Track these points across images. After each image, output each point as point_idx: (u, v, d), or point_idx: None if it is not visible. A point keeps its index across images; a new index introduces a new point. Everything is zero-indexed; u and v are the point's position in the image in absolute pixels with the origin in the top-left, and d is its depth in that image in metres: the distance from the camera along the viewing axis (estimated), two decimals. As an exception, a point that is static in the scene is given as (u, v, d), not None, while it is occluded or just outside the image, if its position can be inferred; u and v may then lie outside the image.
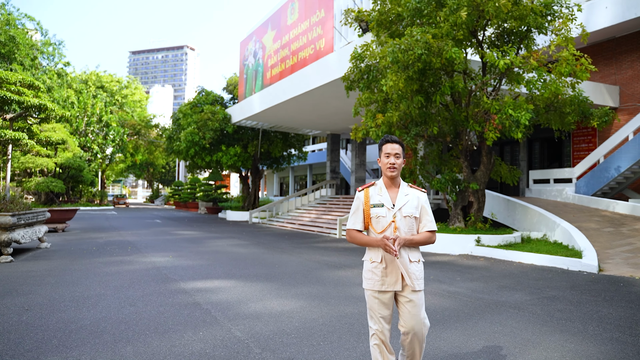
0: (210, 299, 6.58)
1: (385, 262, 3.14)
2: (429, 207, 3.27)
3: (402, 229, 3.14)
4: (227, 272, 8.96)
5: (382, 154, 3.26)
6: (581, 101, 11.55)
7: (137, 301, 6.36)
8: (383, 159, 3.25)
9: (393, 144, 3.23)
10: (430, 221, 3.25)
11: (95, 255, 11.09)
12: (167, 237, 16.06)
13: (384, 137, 3.30)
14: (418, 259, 3.22)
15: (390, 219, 3.15)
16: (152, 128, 57.26)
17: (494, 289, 7.48)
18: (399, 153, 3.22)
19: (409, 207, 3.18)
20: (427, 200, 3.30)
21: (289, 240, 15.81)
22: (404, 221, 3.16)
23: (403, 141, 13.03)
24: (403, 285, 3.14)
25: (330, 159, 28.27)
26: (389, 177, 3.22)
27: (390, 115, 11.87)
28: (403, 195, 3.22)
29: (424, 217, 3.24)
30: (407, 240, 3.08)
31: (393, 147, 3.22)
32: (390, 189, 3.26)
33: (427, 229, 3.22)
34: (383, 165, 3.25)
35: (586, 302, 6.52)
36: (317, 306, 6.21)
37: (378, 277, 3.16)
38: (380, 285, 3.15)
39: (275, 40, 23.01)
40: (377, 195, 3.24)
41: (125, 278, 8.10)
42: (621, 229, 12.73)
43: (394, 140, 3.25)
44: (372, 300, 3.18)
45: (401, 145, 3.27)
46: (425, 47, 9.82)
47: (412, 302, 3.12)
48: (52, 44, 42.61)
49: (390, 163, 3.19)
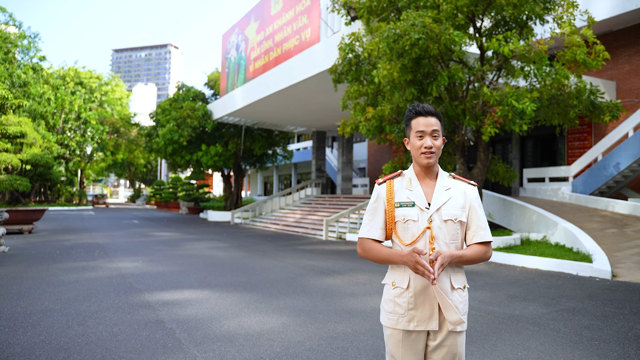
0: (177, 315, 5.59)
1: (415, 288, 2.17)
2: (481, 207, 2.29)
3: (441, 239, 2.16)
4: (200, 280, 7.97)
5: (413, 133, 2.25)
6: (592, 92, 10.71)
7: (89, 319, 5.35)
8: (414, 140, 2.24)
9: (428, 117, 2.22)
10: (484, 228, 2.25)
11: (56, 260, 10.00)
12: (142, 240, 14.97)
13: (413, 107, 2.27)
14: (463, 284, 2.23)
15: (425, 224, 2.17)
16: (133, 126, 55.71)
17: (503, 299, 6.60)
18: (437, 130, 2.22)
19: (451, 206, 2.20)
20: (478, 198, 2.30)
21: (272, 242, 14.83)
22: (444, 227, 2.17)
23: (394, 136, 12.14)
24: (441, 321, 2.16)
25: (316, 157, 27.33)
26: (425, 165, 2.23)
27: (382, 108, 10.96)
28: (443, 190, 2.23)
29: (475, 221, 2.25)
30: (452, 257, 2.09)
31: (428, 123, 2.21)
32: (424, 181, 2.27)
33: (479, 239, 2.23)
34: (414, 149, 2.24)
35: (612, 315, 5.66)
36: (302, 324, 5.25)
37: (403, 310, 2.17)
38: (408, 322, 2.17)
39: (258, 31, 21.96)
40: (406, 189, 2.25)
41: (82, 288, 7.07)
42: (625, 230, 11.99)
43: (428, 112, 2.23)
44: (393, 343, 2.20)
45: (439, 119, 2.26)
46: (423, 32, 8.89)
47: (451, 348, 2.17)
48: (27, 37, 40.95)
49: (427, 147, 2.19)
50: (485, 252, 2.21)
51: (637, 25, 16.57)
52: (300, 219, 20.89)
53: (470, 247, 2.21)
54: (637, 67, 16.65)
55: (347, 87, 12.95)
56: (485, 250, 2.21)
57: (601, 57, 10.02)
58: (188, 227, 21.13)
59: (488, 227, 2.26)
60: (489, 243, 2.25)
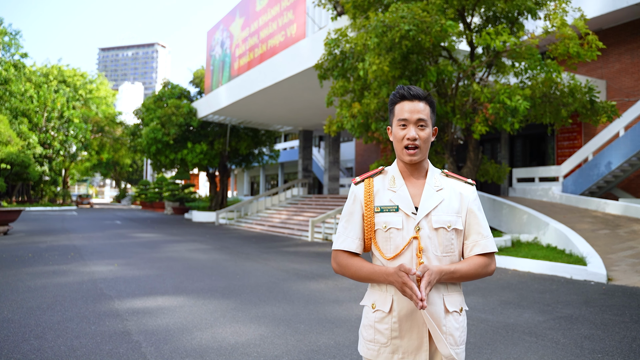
0: (146, 325, 5.15)
1: (400, 312, 1.74)
2: (481, 211, 1.86)
3: (431, 252, 1.74)
4: (177, 285, 7.52)
5: (395, 121, 1.82)
6: (590, 89, 10.36)
7: (49, 330, 4.89)
8: (396, 129, 1.81)
9: (414, 102, 1.78)
10: (485, 236, 1.82)
11: (26, 264, 9.48)
12: (121, 241, 14.45)
13: (397, 90, 1.84)
14: (460, 306, 1.82)
15: (411, 233, 1.74)
16: (118, 125, 54.84)
17: (496, 305, 6.24)
18: (423, 119, 1.78)
19: (444, 211, 1.77)
20: (477, 200, 1.87)
21: (256, 243, 14.39)
22: (435, 237, 1.75)
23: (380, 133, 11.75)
24: (432, 352, 1.74)
25: (302, 156, 26.89)
26: (407, 162, 1.81)
27: (368, 102, 10.56)
28: (433, 191, 1.80)
29: (474, 228, 1.82)
30: (442, 274, 1.68)
31: (415, 108, 1.77)
32: (410, 180, 1.84)
33: (479, 250, 1.80)
34: (396, 140, 1.81)
35: (613, 324, 5.31)
36: (282, 335, 4.84)
37: (386, 338, 1.75)
38: (391, 353, 1.74)
39: (243, 27, 21.45)
40: (388, 190, 1.82)
41: (48, 295, 6.59)
42: (617, 231, 11.72)
43: (415, 95, 1.79)
44: None
45: (429, 104, 1.82)
46: (414, 23, 8.50)
47: None
48: (9, 34, 40.08)
49: (409, 138, 1.77)
50: (486, 265, 1.79)
51: (628, 23, 16.37)
52: (286, 220, 20.46)
53: (468, 260, 1.78)
54: (627, 65, 16.45)
55: (332, 84, 12.57)
56: (486, 263, 1.79)
57: (594, 47, 9.68)
58: (171, 228, 20.60)
59: (491, 235, 1.83)
60: (492, 255, 1.83)
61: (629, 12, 15.60)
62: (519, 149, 20.12)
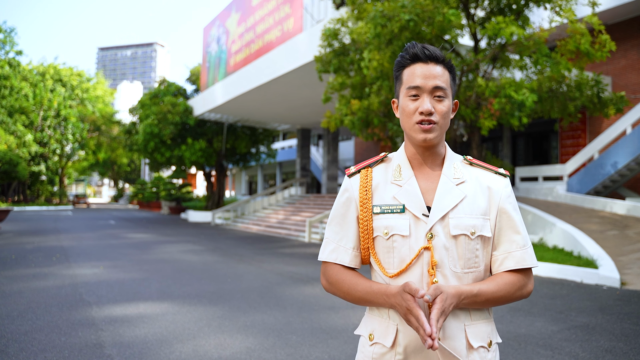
0: (122, 336, 4.68)
1: (407, 347, 1.27)
2: (516, 211, 1.36)
3: (448, 268, 1.27)
4: (162, 290, 7.05)
5: (403, 90, 1.33)
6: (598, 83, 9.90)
7: (13, 343, 4.42)
8: (405, 101, 1.33)
9: (429, 65, 1.30)
10: (523, 246, 1.32)
11: (7, 266, 9.00)
12: (112, 242, 13.98)
13: (407, 49, 1.34)
14: (489, 339, 1.31)
15: (421, 242, 1.27)
16: (115, 124, 54.34)
17: (505, 313, 5.77)
18: (442, 87, 1.29)
19: (466, 212, 1.30)
20: (511, 196, 1.38)
21: (251, 244, 13.92)
22: (453, 248, 1.28)
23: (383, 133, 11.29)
24: None
25: (301, 155, 26.41)
26: (420, 142, 1.32)
27: (370, 102, 10.09)
28: (452, 185, 1.32)
29: (506, 235, 1.34)
30: (463, 298, 1.21)
31: (430, 73, 1.29)
32: (421, 169, 1.37)
33: (513, 264, 1.31)
34: (404, 115, 1.33)
35: (634, 334, 4.85)
36: (271, 348, 4.38)
37: None
38: None
39: (239, 23, 20.97)
40: (392, 184, 1.35)
41: (22, 301, 6.11)
42: (626, 231, 11.26)
43: (430, 56, 1.30)
44: None
45: (448, 70, 1.33)
46: (415, 12, 8.02)
47: None
48: (3, 31, 39.60)
49: (424, 112, 1.28)
50: (521, 286, 1.31)
51: (634, 18, 15.92)
52: (283, 220, 19.99)
53: (496, 278, 1.30)
54: (633, 62, 16.00)
55: (330, 79, 12.10)
56: (521, 282, 1.31)
57: (607, 48, 9.19)
58: (165, 228, 20.12)
59: (529, 244, 1.35)
60: (529, 271, 1.34)
61: (636, 7, 15.15)
62: (521, 147, 19.69)
